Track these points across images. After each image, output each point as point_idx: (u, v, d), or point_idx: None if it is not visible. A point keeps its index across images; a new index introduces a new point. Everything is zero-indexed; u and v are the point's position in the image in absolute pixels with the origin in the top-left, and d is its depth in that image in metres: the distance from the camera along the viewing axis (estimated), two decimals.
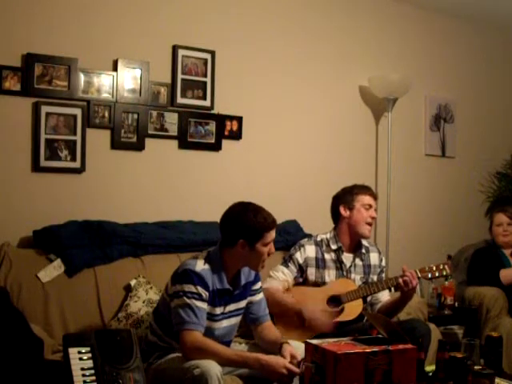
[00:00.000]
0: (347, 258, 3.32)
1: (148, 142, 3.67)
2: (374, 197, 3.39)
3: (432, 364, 2.67)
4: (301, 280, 3.29)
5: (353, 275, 3.30)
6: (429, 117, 4.98)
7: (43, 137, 3.32)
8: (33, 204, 3.32)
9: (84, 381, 2.16)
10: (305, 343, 2.46)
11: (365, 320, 3.17)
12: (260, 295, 2.88)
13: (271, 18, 4.15)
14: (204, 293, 2.58)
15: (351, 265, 3.31)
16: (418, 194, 4.90)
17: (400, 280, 3.13)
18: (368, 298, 3.29)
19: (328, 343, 2.38)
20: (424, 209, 4.93)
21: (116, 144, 3.57)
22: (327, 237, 3.36)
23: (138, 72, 3.62)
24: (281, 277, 3.25)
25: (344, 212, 3.33)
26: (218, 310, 2.68)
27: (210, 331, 2.64)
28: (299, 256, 3.29)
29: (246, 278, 2.79)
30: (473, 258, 4.31)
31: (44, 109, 3.32)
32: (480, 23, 5.17)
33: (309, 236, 3.54)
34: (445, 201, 5.05)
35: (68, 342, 2.24)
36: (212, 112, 3.89)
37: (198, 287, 2.57)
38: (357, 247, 3.36)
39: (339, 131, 4.49)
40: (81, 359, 2.20)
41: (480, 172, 5.19)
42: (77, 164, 3.43)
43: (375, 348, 2.33)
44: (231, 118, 3.96)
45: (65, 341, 2.26)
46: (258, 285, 2.87)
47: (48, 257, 3.09)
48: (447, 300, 4.20)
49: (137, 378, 2.24)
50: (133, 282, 3.18)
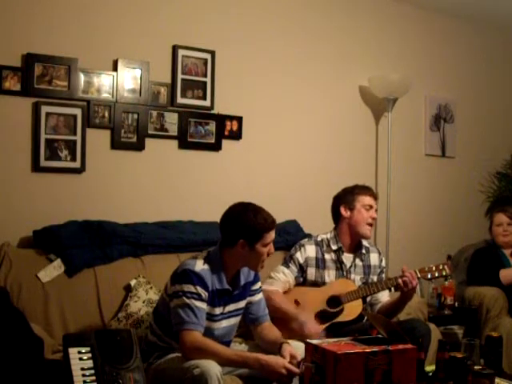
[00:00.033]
0: (347, 259, 3.32)
1: (148, 142, 3.67)
2: (375, 197, 3.39)
3: (432, 364, 2.67)
4: (301, 280, 3.29)
5: (353, 275, 3.30)
6: (429, 117, 4.98)
7: (43, 137, 3.32)
8: (33, 204, 3.32)
9: (84, 381, 2.16)
10: (305, 343, 2.46)
11: (365, 320, 3.17)
12: (259, 295, 2.88)
13: (271, 18, 4.15)
14: (203, 293, 2.58)
15: (351, 265, 3.31)
16: (418, 194, 4.90)
17: (400, 280, 3.12)
18: (368, 299, 3.29)
19: (328, 343, 2.39)
20: (424, 209, 4.93)
21: (116, 144, 3.57)
22: (327, 237, 3.36)
23: (138, 72, 3.62)
24: (281, 277, 3.25)
25: (344, 212, 3.33)
26: (218, 310, 2.68)
27: (210, 331, 2.64)
28: (300, 256, 3.29)
29: (246, 278, 2.79)
30: (473, 258, 4.31)
31: (44, 109, 3.32)
32: (480, 23, 5.17)
33: (309, 236, 3.54)
34: (445, 201, 5.05)
35: (68, 342, 2.24)
36: (212, 112, 3.89)
37: (198, 287, 2.57)
38: (357, 247, 3.36)
39: (339, 131, 4.48)
40: (81, 359, 2.20)
41: (480, 172, 5.19)
42: (77, 164, 3.43)
43: (375, 348, 2.33)
44: (231, 118, 3.95)
45: (65, 341, 2.27)
46: (258, 285, 2.87)
47: (48, 257, 3.10)
48: (447, 300, 4.20)
49: (137, 378, 2.24)
50: (133, 282, 3.18)
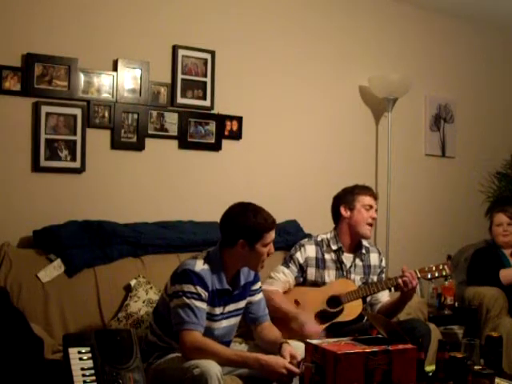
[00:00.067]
0: (347, 259, 3.32)
1: (148, 142, 3.67)
2: (375, 197, 3.38)
3: (432, 364, 2.67)
4: (301, 280, 3.29)
5: (353, 275, 3.30)
6: (429, 117, 4.98)
7: (43, 137, 3.32)
8: (33, 204, 3.32)
9: (84, 381, 2.16)
10: (305, 343, 2.46)
11: (365, 320, 3.17)
12: (259, 295, 2.88)
13: (271, 18, 4.15)
14: (203, 293, 2.58)
15: (351, 265, 3.31)
16: (418, 194, 4.90)
17: (400, 280, 3.12)
18: (368, 299, 3.29)
19: (328, 343, 2.39)
20: (424, 209, 4.93)
21: (116, 144, 3.57)
22: (327, 237, 3.35)
23: (138, 72, 3.62)
24: (281, 278, 3.25)
25: (344, 212, 3.32)
26: (218, 310, 2.68)
27: (210, 331, 2.64)
28: (300, 256, 3.29)
29: (246, 278, 2.79)
30: (473, 258, 4.31)
31: (44, 109, 3.32)
32: (480, 23, 5.16)
33: (309, 236, 3.54)
34: (445, 201, 5.05)
35: (68, 342, 2.24)
36: (212, 112, 3.89)
37: (198, 287, 2.57)
38: (357, 247, 3.36)
39: (339, 131, 4.48)
40: (81, 359, 2.20)
41: (480, 172, 5.19)
42: (77, 164, 3.43)
43: (375, 348, 2.33)
44: (231, 118, 3.95)
45: (65, 341, 2.27)
46: (258, 285, 2.87)
47: (48, 257, 3.10)
48: (447, 300, 4.20)
49: (137, 378, 2.24)
50: (133, 282, 3.18)
